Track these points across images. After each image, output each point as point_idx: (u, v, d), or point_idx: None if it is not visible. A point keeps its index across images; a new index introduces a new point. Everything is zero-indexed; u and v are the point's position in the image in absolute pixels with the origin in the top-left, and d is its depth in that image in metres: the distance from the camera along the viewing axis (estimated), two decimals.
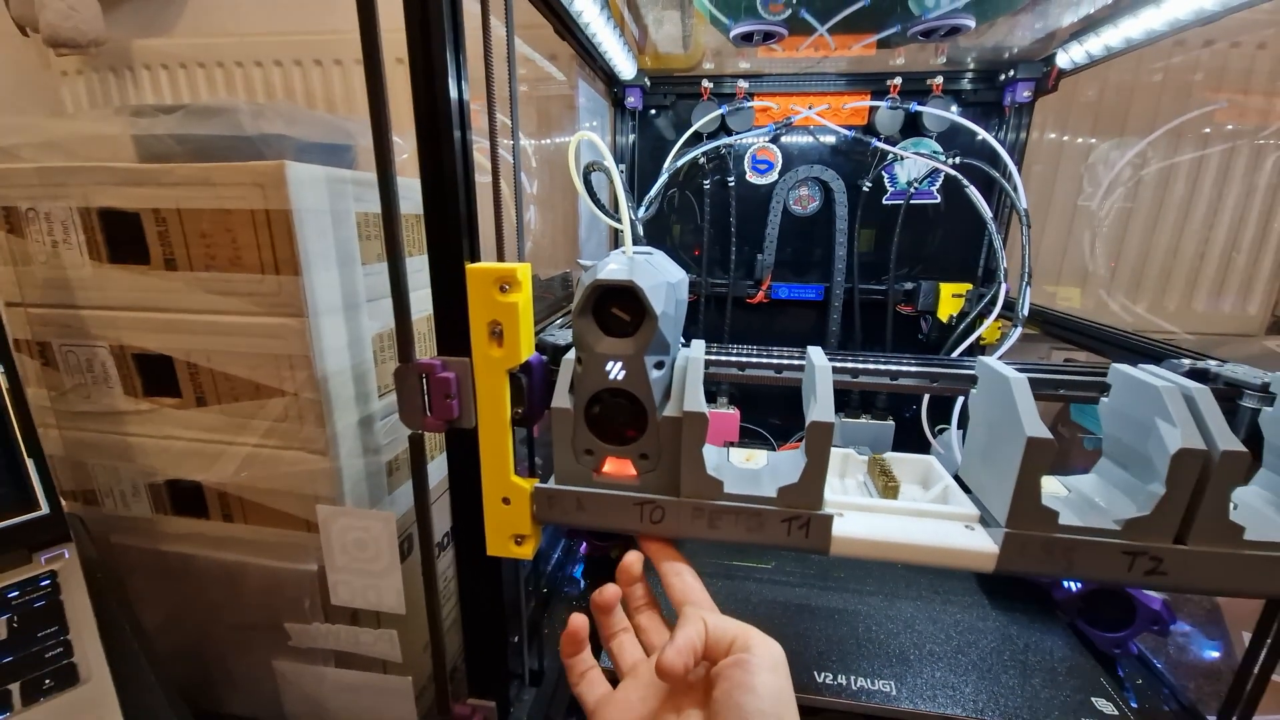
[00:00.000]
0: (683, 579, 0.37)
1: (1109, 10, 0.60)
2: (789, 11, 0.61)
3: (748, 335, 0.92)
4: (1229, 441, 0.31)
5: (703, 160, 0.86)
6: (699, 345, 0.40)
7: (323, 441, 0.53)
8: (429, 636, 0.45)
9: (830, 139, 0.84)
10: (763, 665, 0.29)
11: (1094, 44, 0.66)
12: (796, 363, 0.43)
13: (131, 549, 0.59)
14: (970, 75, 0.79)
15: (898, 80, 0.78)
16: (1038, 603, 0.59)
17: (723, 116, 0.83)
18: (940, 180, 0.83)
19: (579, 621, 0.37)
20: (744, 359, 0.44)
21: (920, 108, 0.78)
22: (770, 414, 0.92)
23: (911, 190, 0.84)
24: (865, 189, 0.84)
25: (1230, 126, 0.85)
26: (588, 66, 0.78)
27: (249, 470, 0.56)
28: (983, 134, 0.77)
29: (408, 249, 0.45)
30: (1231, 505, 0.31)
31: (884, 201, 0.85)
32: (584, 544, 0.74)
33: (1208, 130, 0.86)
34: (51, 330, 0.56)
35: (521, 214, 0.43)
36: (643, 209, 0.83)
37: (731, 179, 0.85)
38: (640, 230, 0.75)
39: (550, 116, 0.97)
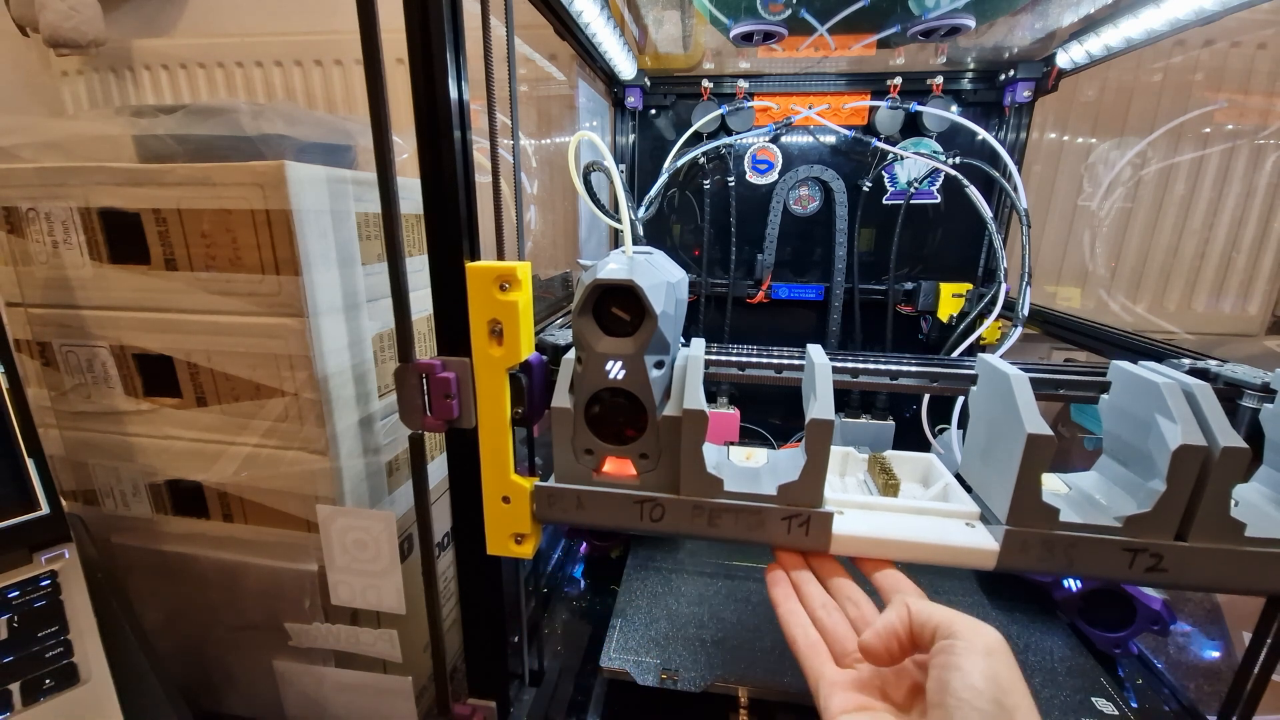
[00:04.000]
0: (888, 575, 0.36)
1: (1109, 10, 0.60)
2: (789, 11, 0.61)
3: (748, 335, 0.92)
4: (1229, 438, 0.31)
5: (703, 160, 0.86)
6: (699, 344, 0.40)
7: (323, 441, 0.53)
8: (429, 636, 0.45)
9: (830, 139, 0.84)
10: (972, 648, 0.27)
11: (1094, 44, 0.66)
12: (796, 362, 0.43)
13: (131, 549, 0.59)
14: (970, 75, 0.79)
15: (898, 80, 0.78)
16: (1038, 602, 0.59)
17: (723, 116, 0.83)
18: (940, 180, 0.83)
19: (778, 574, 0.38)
20: (744, 359, 0.44)
21: (920, 108, 0.78)
22: (770, 414, 0.92)
23: (911, 190, 0.84)
24: (865, 189, 0.84)
25: (1230, 126, 0.85)
26: (588, 66, 0.78)
27: (249, 470, 0.56)
28: (983, 134, 0.77)
29: (408, 249, 0.45)
30: (1232, 502, 0.31)
31: (884, 201, 0.85)
32: (584, 544, 0.74)
33: (1208, 130, 0.86)
34: (52, 330, 0.56)
35: (521, 214, 0.43)
36: (643, 209, 0.83)
37: (731, 179, 0.85)
38: (640, 230, 0.75)
39: (550, 116, 0.97)
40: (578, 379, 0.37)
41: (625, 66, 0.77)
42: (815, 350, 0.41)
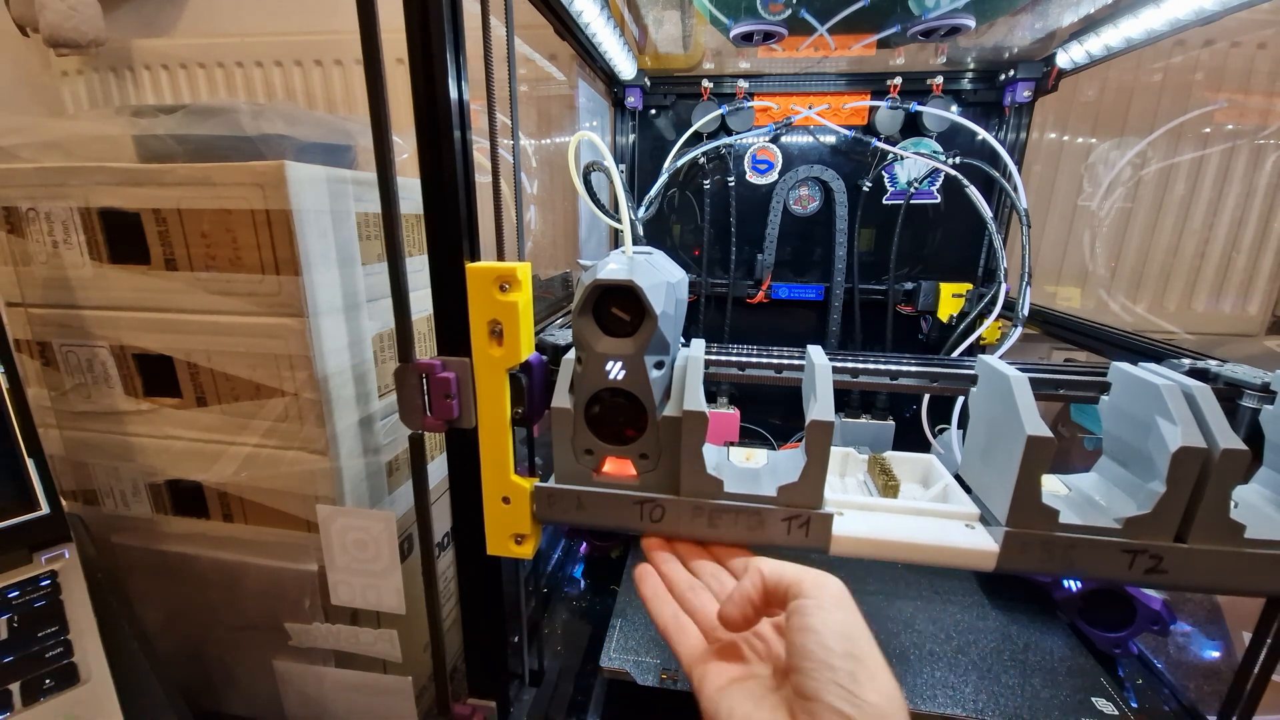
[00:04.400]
0: (737, 561, 0.37)
1: (1109, 10, 0.60)
2: (789, 11, 0.61)
3: (748, 335, 0.92)
4: (1229, 439, 0.31)
5: (703, 160, 0.86)
6: (699, 345, 0.40)
7: (323, 441, 0.53)
8: (429, 636, 0.45)
9: (830, 139, 0.84)
10: (821, 604, 0.29)
11: (1094, 44, 0.66)
12: (796, 362, 0.43)
13: (131, 549, 0.59)
14: (970, 75, 0.79)
15: (898, 80, 0.78)
16: (1038, 603, 0.59)
17: (723, 116, 0.83)
18: (940, 180, 0.83)
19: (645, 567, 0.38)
20: (744, 359, 0.44)
21: (920, 108, 0.78)
22: (770, 414, 0.92)
23: (911, 190, 0.84)
24: (865, 189, 0.84)
25: (1230, 126, 0.85)
26: (588, 66, 0.78)
27: (249, 470, 0.56)
28: (983, 134, 0.77)
29: (408, 249, 0.45)
30: (1232, 503, 0.31)
31: (884, 201, 0.85)
32: (584, 544, 0.74)
33: (1208, 130, 0.86)
34: (52, 330, 0.56)
35: (521, 214, 0.43)
36: (643, 209, 0.83)
37: (731, 179, 0.85)
38: (640, 230, 0.75)
39: (550, 116, 0.97)
40: (578, 379, 0.37)
41: (625, 66, 0.77)
42: (815, 351, 0.41)
